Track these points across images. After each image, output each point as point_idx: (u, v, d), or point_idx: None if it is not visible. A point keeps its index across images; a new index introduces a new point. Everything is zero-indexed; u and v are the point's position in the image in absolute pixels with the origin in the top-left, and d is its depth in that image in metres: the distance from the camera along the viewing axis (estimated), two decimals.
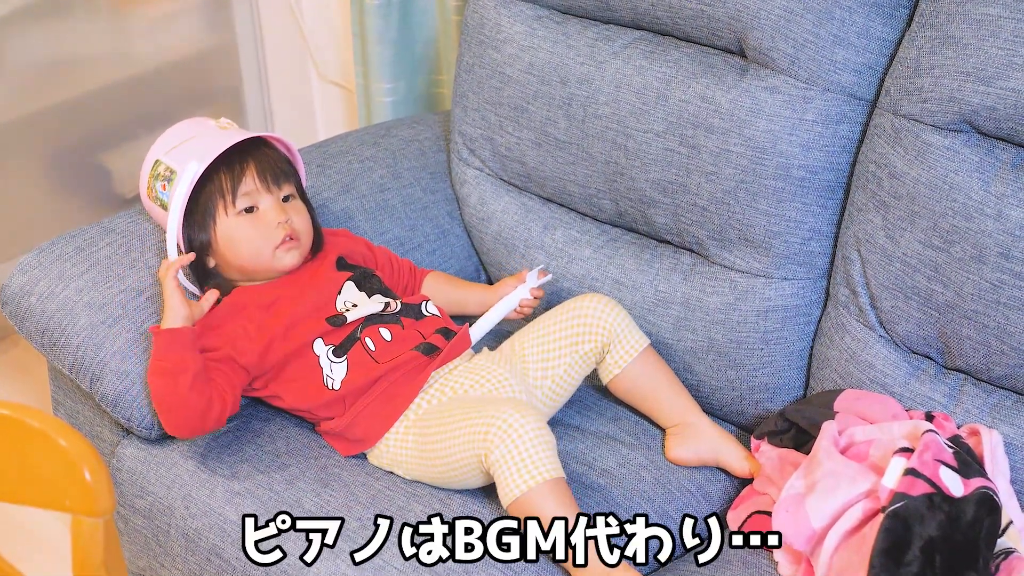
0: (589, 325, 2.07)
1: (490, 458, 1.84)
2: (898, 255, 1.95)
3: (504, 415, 1.85)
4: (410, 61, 2.84)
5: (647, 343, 2.10)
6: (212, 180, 2.04)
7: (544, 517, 1.81)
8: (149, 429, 2.07)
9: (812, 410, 1.99)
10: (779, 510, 1.85)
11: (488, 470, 1.86)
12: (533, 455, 1.83)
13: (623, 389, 2.12)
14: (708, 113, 2.08)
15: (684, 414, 2.10)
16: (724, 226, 2.11)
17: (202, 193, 2.04)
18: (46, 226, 2.93)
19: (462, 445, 1.89)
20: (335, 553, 1.86)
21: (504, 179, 2.39)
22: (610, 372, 2.10)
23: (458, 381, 2.02)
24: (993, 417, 1.92)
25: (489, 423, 1.85)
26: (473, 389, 2.01)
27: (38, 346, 2.15)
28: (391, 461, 2.00)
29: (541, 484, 1.82)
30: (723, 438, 2.08)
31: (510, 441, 1.83)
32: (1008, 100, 1.83)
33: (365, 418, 2.01)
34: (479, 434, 1.86)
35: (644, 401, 2.12)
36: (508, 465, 1.83)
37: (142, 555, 2.12)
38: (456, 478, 1.94)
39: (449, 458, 1.91)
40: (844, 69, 2.01)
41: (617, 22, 2.24)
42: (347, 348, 2.03)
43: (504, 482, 1.83)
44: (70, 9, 3.03)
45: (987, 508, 1.75)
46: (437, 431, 1.94)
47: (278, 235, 2.05)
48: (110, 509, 1.37)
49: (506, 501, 1.84)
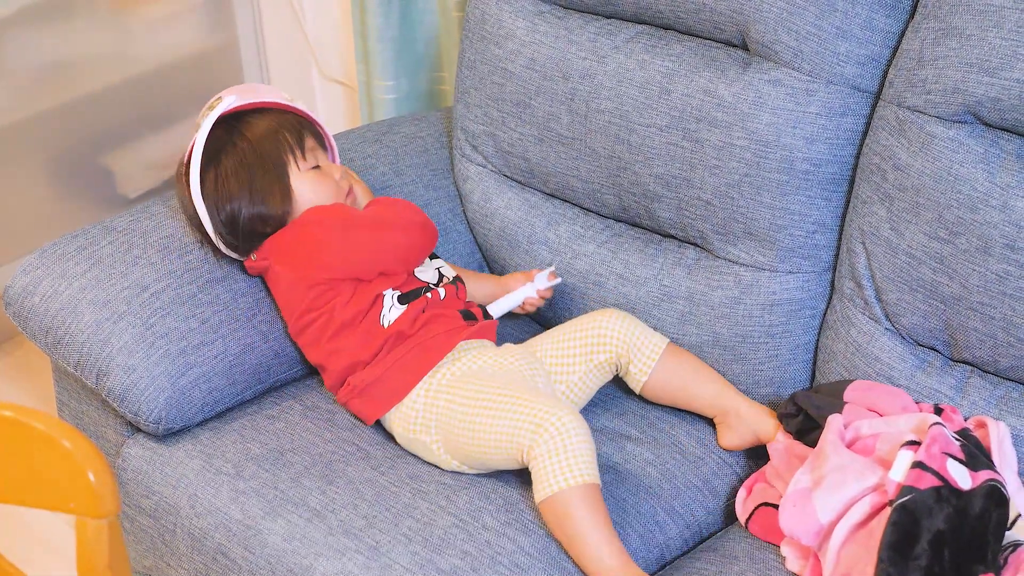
0: (603, 335, 2.09)
1: (534, 451, 1.86)
2: (903, 247, 1.95)
3: (559, 413, 1.88)
4: (411, 58, 2.84)
5: (666, 342, 2.12)
6: (278, 136, 2.13)
7: (574, 519, 1.84)
8: (156, 423, 2.07)
9: (821, 399, 1.99)
10: (786, 504, 1.85)
11: (526, 461, 1.89)
12: (577, 458, 1.85)
13: (655, 394, 2.13)
14: (711, 107, 2.08)
15: (719, 400, 2.12)
16: (728, 220, 2.11)
17: (271, 151, 2.12)
18: (49, 228, 2.92)
19: (507, 430, 1.90)
20: (341, 552, 1.86)
21: (507, 175, 2.39)
22: (639, 380, 2.11)
23: (491, 356, 2.06)
24: (1000, 409, 1.91)
25: (542, 417, 1.87)
26: (509, 365, 2.04)
27: (42, 345, 2.15)
28: (418, 422, 2.01)
29: (578, 487, 1.84)
30: (759, 416, 2.09)
31: (560, 440, 1.85)
32: (1012, 91, 1.83)
33: (398, 370, 2.03)
34: (529, 424, 1.88)
35: (679, 399, 2.14)
36: (551, 462, 1.85)
37: (148, 554, 2.12)
38: (483, 455, 1.95)
39: (485, 435, 1.93)
40: (847, 61, 2.01)
41: (619, 16, 2.23)
42: (410, 298, 2.09)
43: (543, 477, 1.86)
44: (71, 11, 3.03)
45: (995, 501, 1.75)
46: (477, 405, 1.96)
47: (344, 188, 2.17)
48: (115, 510, 1.37)
49: (540, 496, 1.86)
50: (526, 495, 1.95)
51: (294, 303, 2.11)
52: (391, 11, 2.78)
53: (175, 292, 2.13)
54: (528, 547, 1.88)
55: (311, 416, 2.12)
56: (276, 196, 2.11)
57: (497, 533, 1.89)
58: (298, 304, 2.10)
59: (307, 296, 2.08)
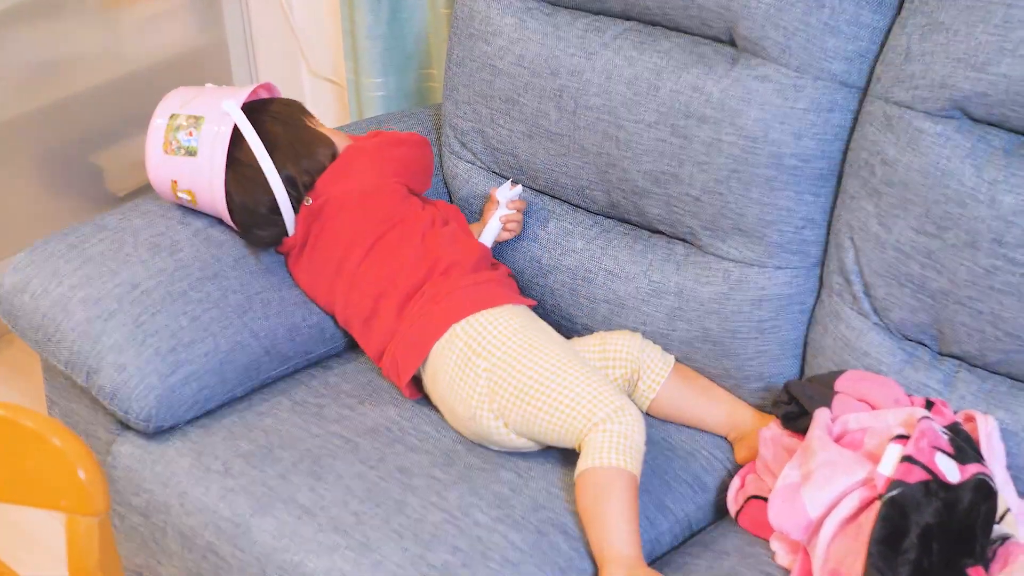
0: (617, 352, 2.12)
1: (600, 427, 1.91)
2: (891, 242, 1.95)
3: (635, 408, 1.94)
4: (400, 56, 2.84)
5: (673, 361, 2.14)
6: (288, 107, 2.25)
7: (610, 498, 1.87)
8: (147, 421, 2.07)
9: (813, 388, 1.99)
10: (775, 499, 1.85)
11: (586, 432, 1.92)
12: (633, 448, 1.90)
13: (664, 412, 2.15)
14: (699, 103, 2.08)
15: (729, 417, 2.13)
16: (717, 216, 2.11)
17: (295, 117, 2.24)
18: (39, 226, 2.92)
19: (588, 396, 1.94)
20: (331, 548, 1.86)
21: (496, 172, 2.39)
22: (646, 398, 2.13)
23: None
24: (988, 403, 1.92)
25: (624, 403, 1.93)
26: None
27: (32, 343, 2.15)
28: (492, 340, 2.02)
29: (624, 470, 1.88)
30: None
31: (629, 428, 1.90)
32: (1000, 85, 1.83)
33: (496, 284, 2.13)
34: (609, 403, 1.92)
35: (688, 417, 2.15)
36: (614, 440, 1.90)
37: (139, 553, 2.12)
38: (539, 408, 1.96)
39: (557, 392, 1.95)
40: (835, 57, 2.01)
41: (607, 13, 2.23)
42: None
43: (599, 448, 1.90)
44: (60, 9, 3.03)
45: (983, 494, 1.75)
46: (558, 360, 1.99)
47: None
48: (105, 508, 1.37)
49: (591, 463, 1.89)
50: (516, 491, 1.95)
51: (375, 210, 2.17)
52: (380, 8, 2.78)
53: (166, 290, 2.13)
54: (519, 543, 1.88)
55: (299, 411, 2.12)
56: (321, 147, 2.22)
57: (488, 529, 1.89)
58: (378, 211, 2.17)
59: (387, 200, 2.18)
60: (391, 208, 2.17)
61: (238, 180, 2.16)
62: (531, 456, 2.03)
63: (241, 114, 2.16)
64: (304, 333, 2.22)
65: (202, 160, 2.14)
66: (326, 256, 2.17)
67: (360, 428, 2.07)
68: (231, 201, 2.16)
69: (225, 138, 2.14)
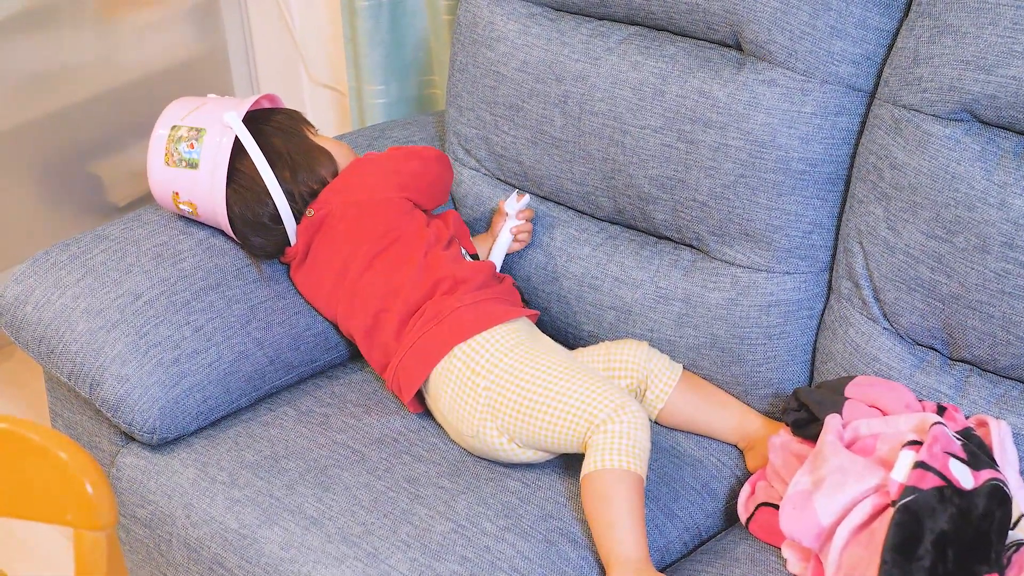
0: (623, 362, 2.12)
1: (601, 428, 1.90)
2: (900, 247, 1.94)
3: (636, 405, 1.93)
4: (401, 62, 2.84)
5: (680, 369, 2.14)
6: (290, 116, 2.24)
7: (615, 500, 1.86)
8: (151, 433, 2.06)
9: (823, 394, 1.98)
10: (786, 506, 1.84)
11: (589, 435, 1.91)
12: (638, 448, 1.90)
13: (672, 421, 2.14)
14: (705, 108, 2.07)
15: (739, 425, 2.13)
16: (724, 221, 2.10)
17: (295, 127, 2.23)
18: (39, 237, 2.92)
19: (588, 398, 1.93)
20: (339, 559, 1.85)
21: (501, 179, 2.38)
22: (655, 408, 2.13)
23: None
24: (1000, 408, 1.91)
25: (625, 401, 1.92)
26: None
27: (35, 355, 2.14)
28: (488, 359, 2.01)
29: (632, 472, 1.87)
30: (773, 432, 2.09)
31: (632, 427, 1.90)
32: (1009, 88, 1.82)
33: (499, 301, 2.09)
34: (610, 403, 1.91)
35: (697, 426, 2.14)
36: (617, 441, 1.89)
37: (145, 565, 2.10)
38: (542, 413, 1.95)
39: (558, 396, 1.95)
40: (842, 60, 2.00)
41: (611, 18, 2.22)
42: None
43: (603, 450, 1.89)
44: (58, 19, 3.02)
45: (997, 500, 1.74)
46: (558, 366, 1.98)
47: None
48: (112, 522, 1.36)
49: (595, 466, 1.88)
50: (524, 500, 1.94)
51: (374, 224, 2.15)
52: (380, 15, 2.77)
53: (169, 300, 2.12)
54: (527, 552, 1.87)
55: (305, 421, 2.11)
56: (322, 160, 2.21)
57: (496, 538, 1.88)
58: (378, 224, 2.15)
59: (389, 213, 2.16)
60: (391, 222, 2.15)
61: (239, 192, 2.15)
62: (538, 465, 2.03)
63: (243, 127, 2.15)
64: (308, 342, 2.21)
65: (203, 173, 2.14)
66: (326, 267, 2.16)
67: (367, 438, 2.06)
68: (232, 213, 2.15)
69: (227, 151, 2.13)
